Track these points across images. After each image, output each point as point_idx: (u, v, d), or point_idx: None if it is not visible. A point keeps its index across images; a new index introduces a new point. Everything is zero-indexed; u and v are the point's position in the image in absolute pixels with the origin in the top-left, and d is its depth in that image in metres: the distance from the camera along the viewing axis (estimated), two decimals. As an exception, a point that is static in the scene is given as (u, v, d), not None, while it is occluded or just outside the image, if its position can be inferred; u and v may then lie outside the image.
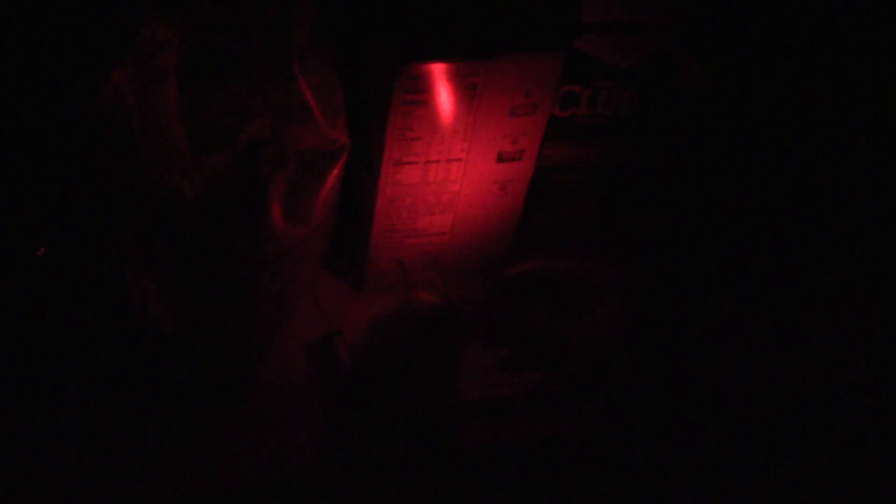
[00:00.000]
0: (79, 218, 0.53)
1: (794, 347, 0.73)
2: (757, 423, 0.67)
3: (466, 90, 0.59)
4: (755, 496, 0.64)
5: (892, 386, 0.71)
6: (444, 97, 0.59)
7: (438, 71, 0.58)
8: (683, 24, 0.68)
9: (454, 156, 0.64)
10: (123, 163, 0.52)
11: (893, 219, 0.80)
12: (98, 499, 0.54)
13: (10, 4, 0.52)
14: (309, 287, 0.69)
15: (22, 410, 0.56)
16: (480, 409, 0.62)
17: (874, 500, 0.66)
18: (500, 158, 0.65)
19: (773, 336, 0.73)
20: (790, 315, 0.76)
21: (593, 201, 0.77)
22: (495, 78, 0.59)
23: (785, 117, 0.76)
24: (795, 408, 0.69)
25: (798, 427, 0.68)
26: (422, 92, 0.59)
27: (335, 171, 0.59)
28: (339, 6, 0.59)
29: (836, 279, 0.79)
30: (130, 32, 0.50)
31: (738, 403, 0.68)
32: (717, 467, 0.64)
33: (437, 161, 0.63)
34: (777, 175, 0.79)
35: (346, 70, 0.59)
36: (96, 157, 0.52)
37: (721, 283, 0.77)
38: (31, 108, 0.54)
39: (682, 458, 0.64)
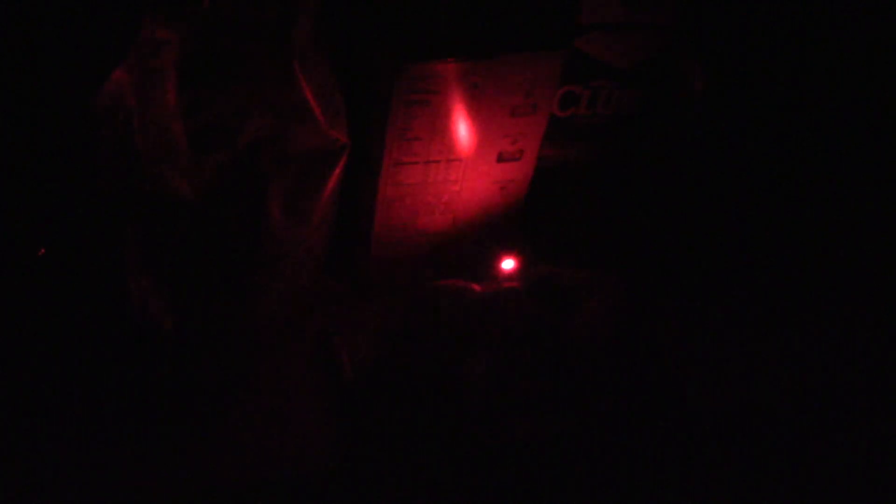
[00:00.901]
0: (79, 218, 0.54)
1: (792, 348, 0.73)
2: (753, 423, 0.67)
3: (466, 90, 0.59)
4: (753, 496, 0.64)
5: (893, 388, 0.71)
6: (445, 97, 0.59)
7: (438, 71, 0.58)
8: (683, 24, 0.68)
9: (454, 156, 0.64)
10: (123, 163, 0.52)
11: (894, 219, 0.80)
12: (98, 499, 0.54)
13: (11, 4, 0.52)
14: (309, 287, 0.69)
15: (22, 410, 0.56)
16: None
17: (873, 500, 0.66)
18: (500, 158, 0.65)
19: (771, 336, 0.73)
20: (788, 315, 0.76)
21: (593, 201, 0.77)
22: (495, 78, 0.60)
23: (785, 117, 0.76)
24: (793, 409, 0.69)
25: (795, 428, 0.68)
26: (422, 92, 0.59)
27: (335, 171, 0.59)
28: (339, 6, 0.59)
29: (836, 281, 0.79)
30: (130, 32, 0.50)
31: (735, 404, 0.68)
32: (713, 467, 0.64)
33: (437, 161, 0.63)
34: (777, 175, 0.79)
35: (346, 70, 0.59)
36: (96, 157, 0.52)
37: (719, 284, 0.77)
38: (31, 108, 0.54)
39: (680, 459, 0.64)
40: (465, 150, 0.63)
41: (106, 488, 0.54)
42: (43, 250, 0.55)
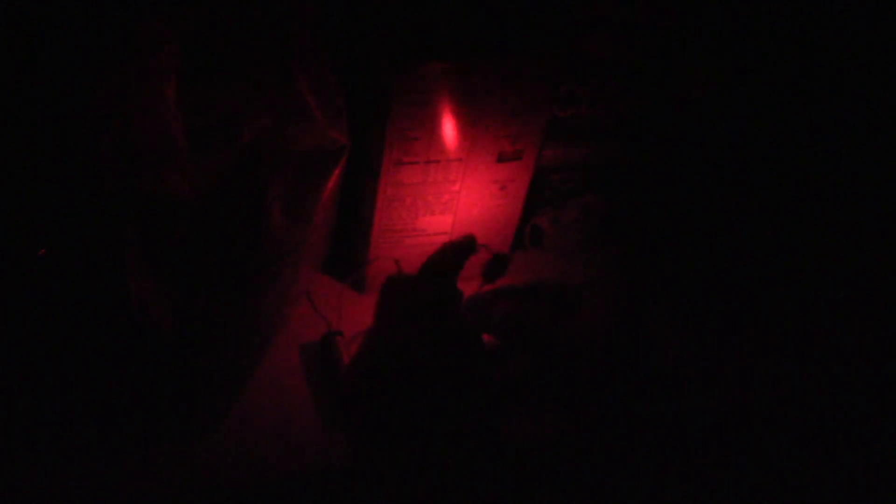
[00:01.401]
0: (79, 218, 0.53)
1: (792, 348, 0.73)
2: (752, 423, 0.67)
3: (466, 90, 0.59)
4: (752, 496, 0.64)
5: (893, 388, 0.71)
6: (444, 97, 0.59)
7: (438, 71, 0.58)
8: (683, 24, 0.68)
9: (454, 156, 0.64)
10: (123, 163, 0.52)
11: (894, 219, 0.80)
12: (98, 499, 0.54)
13: (10, 4, 0.52)
14: (309, 287, 0.69)
15: (22, 410, 0.56)
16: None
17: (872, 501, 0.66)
18: (500, 158, 0.65)
19: (770, 337, 0.73)
20: (788, 316, 0.76)
21: (593, 201, 0.77)
22: (495, 78, 0.60)
23: (785, 117, 0.77)
24: (792, 409, 0.69)
25: (795, 428, 0.68)
26: (421, 92, 0.59)
27: (335, 172, 0.59)
28: (339, 6, 0.59)
29: (836, 281, 0.79)
30: (131, 32, 0.50)
31: (733, 404, 0.68)
32: (713, 468, 0.64)
33: (437, 161, 0.63)
34: (777, 175, 0.79)
35: (346, 70, 0.59)
36: (96, 157, 0.52)
37: (719, 284, 0.77)
38: (31, 108, 0.54)
39: (679, 459, 0.64)
40: (465, 150, 0.63)
41: (106, 488, 0.54)
42: (43, 250, 0.55)
